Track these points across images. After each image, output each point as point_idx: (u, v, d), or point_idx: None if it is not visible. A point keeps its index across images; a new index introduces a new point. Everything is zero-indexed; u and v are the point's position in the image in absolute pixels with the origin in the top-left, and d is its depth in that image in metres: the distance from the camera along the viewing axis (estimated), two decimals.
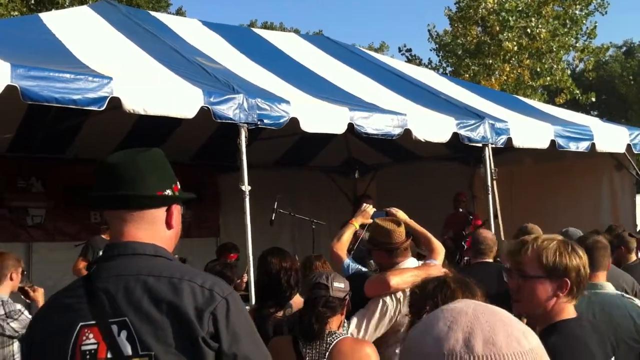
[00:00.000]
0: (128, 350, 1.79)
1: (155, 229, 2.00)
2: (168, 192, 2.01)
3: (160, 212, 2.02)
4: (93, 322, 1.83)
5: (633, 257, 7.04)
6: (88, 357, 1.81)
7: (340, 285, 3.51)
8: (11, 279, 5.08)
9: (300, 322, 3.45)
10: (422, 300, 2.28)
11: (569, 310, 2.50)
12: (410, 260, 4.40)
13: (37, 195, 9.73)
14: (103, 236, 8.31)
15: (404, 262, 4.35)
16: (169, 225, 2.04)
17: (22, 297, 5.25)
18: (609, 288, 3.98)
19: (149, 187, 1.97)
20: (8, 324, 4.81)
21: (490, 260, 5.48)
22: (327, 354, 3.29)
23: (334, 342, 3.34)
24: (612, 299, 3.83)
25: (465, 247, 9.14)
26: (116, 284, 1.86)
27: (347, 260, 4.73)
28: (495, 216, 7.88)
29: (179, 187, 2.07)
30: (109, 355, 1.80)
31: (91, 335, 1.82)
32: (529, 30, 19.23)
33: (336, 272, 3.87)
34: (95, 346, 1.81)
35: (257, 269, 4.31)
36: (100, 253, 6.55)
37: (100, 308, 1.84)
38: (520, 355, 1.07)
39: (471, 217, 9.33)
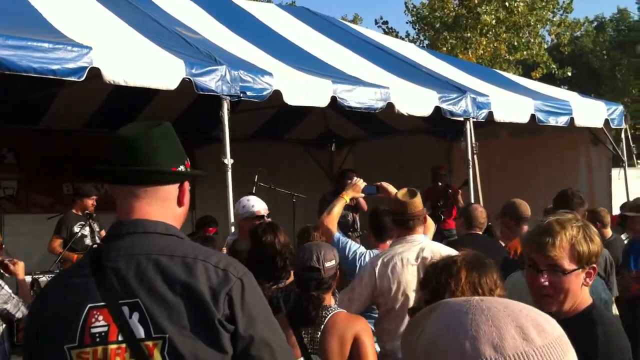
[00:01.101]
0: (141, 332, 1.72)
1: (167, 205, 1.92)
2: (182, 168, 1.94)
3: (173, 189, 1.94)
4: (102, 303, 1.76)
5: (609, 233, 7.14)
6: (98, 339, 1.74)
7: (331, 264, 3.48)
8: None
9: (296, 305, 3.43)
10: (430, 277, 2.22)
11: (586, 295, 2.36)
12: (418, 235, 4.37)
13: (9, 167, 9.54)
14: (73, 211, 8.16)
15: (409, 237, 4.31)
16: (180, 202, 1.96)
17: (1, 271, 5.14)
18: None
19: (164, 162, 1.89)
20: None
21: (480, 232, 5.51)
22: (322, 327, 3.29)
23: (329, 316, 3.34)
24: None
25: (442, 218, 9.19)
26: (127, 263, 1.78)
27: (337, 234, 4.73)
28: (476, 189, 7.91)
29: (190, 163, 1.99)
30: (120, 338, 1.73)
31: (101, 317, 1.75)
32: (507, 3, 19.23)
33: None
34: (105, 328, 1.74)
35: (251, 245, 4.24)
36: (75, 229, 6.51)
37: (109, 289, 1.76)
38: (562, 337, 1.02)
39: (450, 190, 9.35)
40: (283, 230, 4.23)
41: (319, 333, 3.29)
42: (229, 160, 5.99)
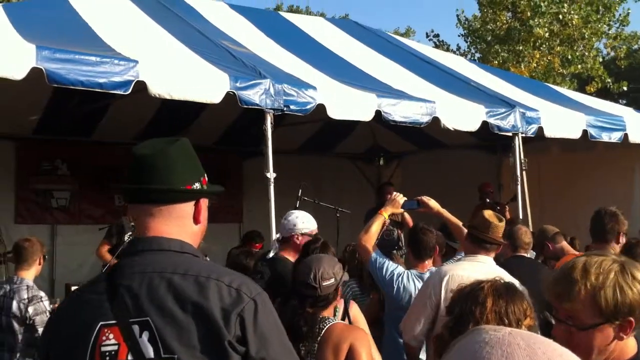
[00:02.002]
0: (150, 352, 1.70)
1: (183, 223, 1.91)
2: (197, 185, 1.92)
3: (189, 207, 1.93)
4: (114, 321, 1.75)
5: None
6: (108, 358, 1.73)
7: (329, 282, 3.44)
8: (39, 263, 5.11)
9: (290, 320, 3.37)
10: (456, 303, 2.13)
11: (630, 346, 2.02)
12: (487, 257, 4.20)
13: (62, 178, 9.72)
14: (126, 218, 8.25)
15: (482, 256, 4.17)
16: (196, 220, 1.94)
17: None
18: None
19: (177, 180, 1.88)
20: (27, 308, 4.81)
21: (526, 255, 5.36)
22: (319, 339, 3.32)
23: (325, 327, 3.35)
24: None
25: None
26: (140, 281, 1.77)
27: (374, 254, 4.64)
28: (525, 207, 7.74)
29: (207, 179, 1.98)
30: (129, 358, 1.72)
31: (111, 336, 1.74)
32: (560, 16, 18.82)
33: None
34: (115, 347, 1.73)
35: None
36: (125, 237, 6.58)
37: (121, 307, 1.75)
38: None
39: (498, 207, 9.15)
40: (333, 250, 4.19)
41: (316, 345, 3.31)
42: (271, 174, 5.99)
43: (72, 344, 1.77)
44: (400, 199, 4.98)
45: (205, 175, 1.98)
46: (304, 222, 4.94)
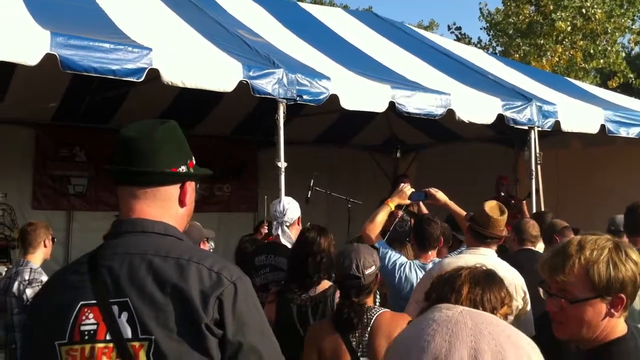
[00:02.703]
0: (128, 333, 1.71)
1: (168, 206, 1.91)
2: (183, 168, 1.92)
3: (174, 189, 1.93)
4: (94, 301, 1.76)
5: None
6: (87, 337, 1.74)
7: (371, 270, 3.48)
8: (45, 245, 5.17)
9: (339, 312, 3.43)
10: (433, 288, 2.11)
11: (620, 326, 2.04)
12: (488, 250, 4.23)
13: (80, 164, 9.80)
14: None
15: (483, 249, 4.21)
16: (182, 203, 1.94)
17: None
18: None
19: (163, 163, 1.88)
20: (25, 290, 4.87)
21: (533, 248, 5.32)
22: (369, 329, 3.32)
23: (374, 317, 3.37)
24: None
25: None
26: (121, 262, 1.78)
27: (377, 244, 4.63)
28: (538, 201, 7.69)
29: (194, 162, 1.98)
30: (107, 337, 1.73)
31: (91, 315, 1.75)
32: (583, 10, 18.59)
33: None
34: (94, 326, 1.74)
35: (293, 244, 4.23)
36: None
37: (102, 287, 1.76)
38: None
39: (512, 201, 9.10)
40: (330, 237, 4.18)
41: (367, 335, 3.32)
42: (282, 164, 6.00)
43: (54, 323, 1.78)
44: (408, 190, 4.98)
45: (193, 158, 1.97)
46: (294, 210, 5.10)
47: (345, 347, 3.32)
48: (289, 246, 4.76)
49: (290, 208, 5.10)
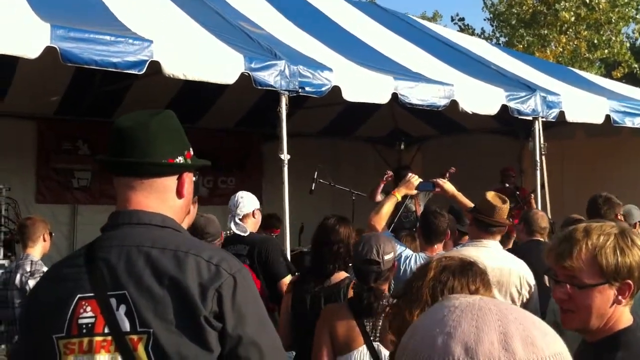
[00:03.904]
0: (126, 326, 1.69)
1: (165, 197, 1.88)
2: (180, 159, 1.89)
3: (171, 181, 1.90)
4: (91, 294, 1.74)
5: None
6: (85, 330, 1.72)
7: (390, 256, 3.51)
8: (44, 239, 5.17)
9: (359, 298, 3.42)
10: (408, 281, 2.06)
11: (625, 316, 2.03)
12: (492, 242, 4.19)
13: (84, 157, 9.77)
14: None
15: (486, 240, 4.16)
16: (179, 194, 1.91)
17: None
18: None
19: (160, 153, 1.85)
20: (28, 281, 4.88)
21: (542, 239, 5.30)
22: (383, 315, 3.28)
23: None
24: None
25: (512, 221, 8.91)
26: (118, 254, 1.76)
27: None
28: (543, 190, 7.66)
29: (192, 153, 1.95)
30: (106, 330, 1.71)
31: (89, 308, 1.73)
32: (587, 0, 18.51)
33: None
34: (92, 320, 1.72)
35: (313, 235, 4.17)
36: None
37: (99, 280, 1.74)
38: (558, 356, 0.93)
39: (518, 192, 9.06)
40: (350, 228, 4.12)
41: (380, 321, 3.31)
42: (285, 156, 5.98)
43: (51, 316, 1.76)
44: (415, 180, 4.89)
45: (191, 148, 1.94)
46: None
47: (360, 330, 3.33)
48: (245, 234, 5.08)
49: (243, 202, 5.22)
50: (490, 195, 4.22)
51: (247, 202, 5.25)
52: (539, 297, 4.18)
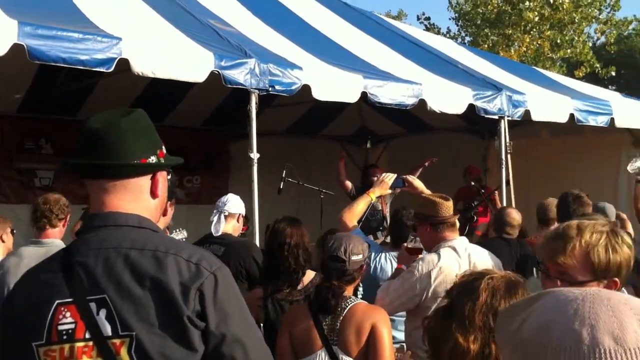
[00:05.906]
0: (108, 330, 1.67)
1: (139, 198, 1.86)
2: (152, 159, 1.86)
3: (144, 181, 1.87)
4: (70, 299, 1.70)
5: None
6: (65, 337, 1.69)
7: (357, 258, 3.47)
8: (2, 240, 5.04)
9: (316, 294, 3.42)
10: (453, 291, 2.01)
11: None
12: (460, 239, 4.03)
13: (46, 157, 9.60)
14: None
15: (453, 239, 3.96)
16: (153, 194, 1.89)
17: None
18: None
19: (131, 154, 1.82)
20: None
21: (512, 236, 5.38)
22: (342, 317, 3.30)
23: (348, 306, 3.34)
24: None
25: (475, 218, 9.02)
26: (95, 257, 1.72)
27: (353, 232, 4.61)
28: (508, 187, 7.78)
29: (165, 152, 1.92)
30: (87, 336, 1.68)
31: (68, 314, 1.70)
32: (551, 0, 18.80)
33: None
34: (72, 325, 1.69)
35: (265, 240, 4.16)
36: None
37: (78, 284, 1.71)
38: None
39: (482, 190, 9.18)
40: (302, 229, 4.09)
41: (338, 323, 3.30)
42: (255, 155, 5.96)
43: (29, 323, 1.73)
44: (389, 179, 4.87)
45: (163, 147, 1.92)
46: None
47: (317, 332, 3.29)
48: (216, 234, 5.12)
49: (233, 202, 5.29)
50: (427, 195, 4.17)
51: (236, 203, 5.35)
52: None
